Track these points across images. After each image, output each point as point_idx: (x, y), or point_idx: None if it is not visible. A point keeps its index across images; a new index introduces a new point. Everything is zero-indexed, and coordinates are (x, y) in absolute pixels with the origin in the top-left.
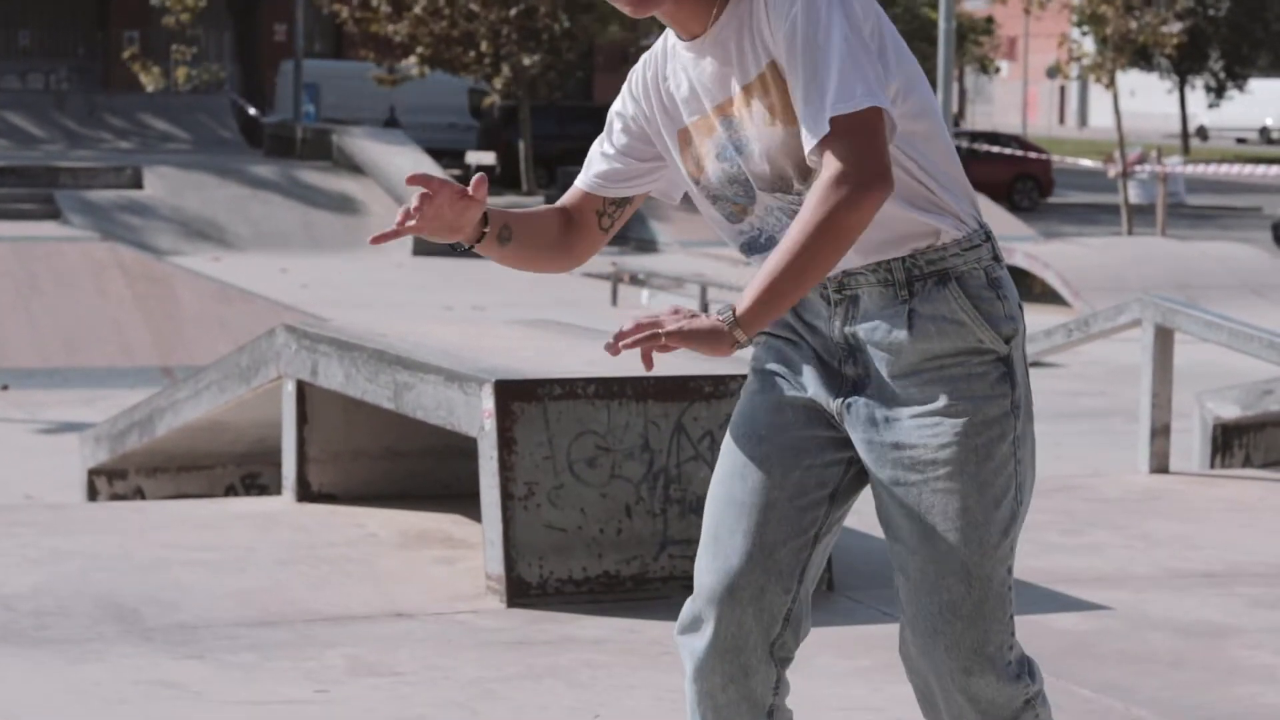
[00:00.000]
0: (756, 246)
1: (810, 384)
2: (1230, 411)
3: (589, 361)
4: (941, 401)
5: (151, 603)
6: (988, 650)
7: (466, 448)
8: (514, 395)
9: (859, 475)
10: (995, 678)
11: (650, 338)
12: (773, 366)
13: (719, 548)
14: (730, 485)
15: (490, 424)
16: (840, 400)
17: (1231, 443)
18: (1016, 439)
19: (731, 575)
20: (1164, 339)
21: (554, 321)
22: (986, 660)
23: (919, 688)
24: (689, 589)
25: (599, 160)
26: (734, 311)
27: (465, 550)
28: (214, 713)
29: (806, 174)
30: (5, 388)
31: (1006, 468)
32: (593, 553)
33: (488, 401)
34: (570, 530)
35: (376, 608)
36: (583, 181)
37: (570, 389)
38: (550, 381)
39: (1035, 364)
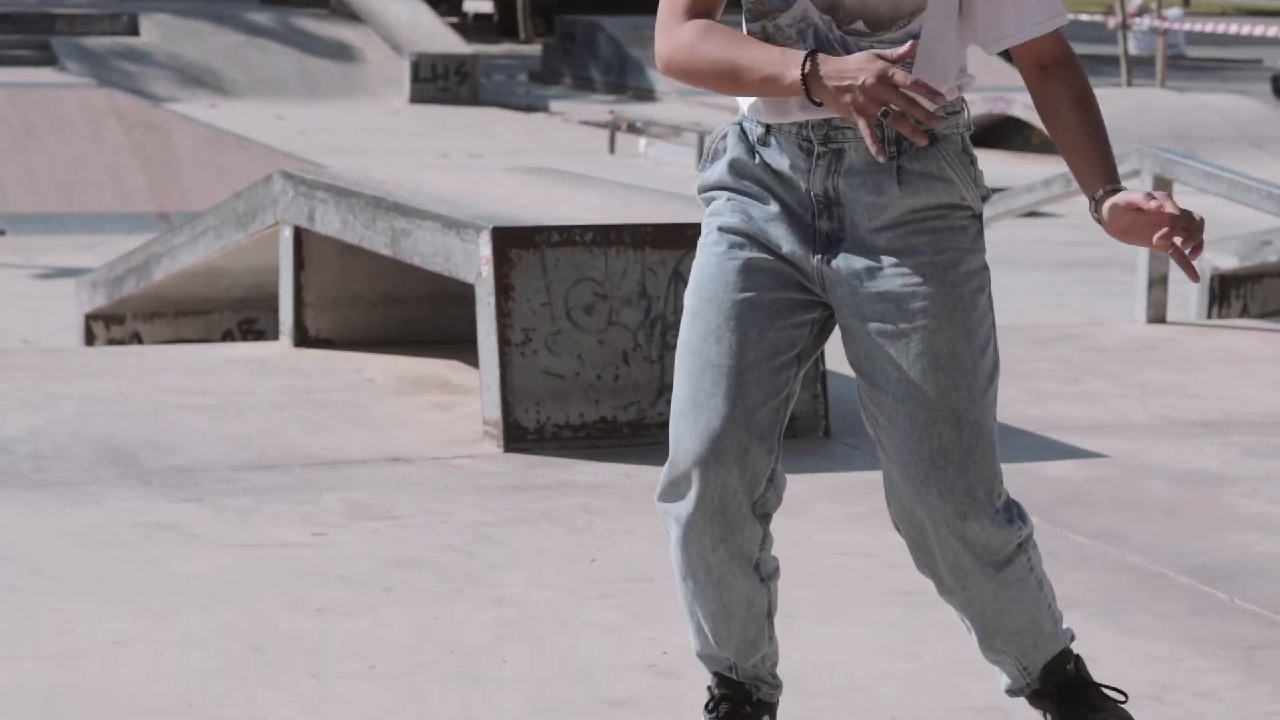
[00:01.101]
0: (762, 29)
1: (783, 241)
2: (1228, 262)
3: (587, 209)
4: (926, 252)
5: (149, 446)
6: (979, 494)
7: (464, 294)
8: (511, 242)
9: (820, 334)
10: (989, 521)
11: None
12: (740, 226)
13: (698, 412)
14: (705, 348)
15: (488, 271)
16: (818, 257)
17: (1229, 293)
18: (990, 297)
19: (716, 437)
20: (1162, 189)
21: (551, 169)
22: (978, 504)
23: (911, 537)
24: None
25: None
26: (1112, 189)
27: (462, 396)
28: (211, 555)
29: (874, 26)
30: (2, 233)
31: (987, 319)
32: (590, 399)
33: (485, 248)
34: (567, 376)
35: (374, 452)
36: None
37: (568, 236)
38: (548, 228)
39: (1033, 214)
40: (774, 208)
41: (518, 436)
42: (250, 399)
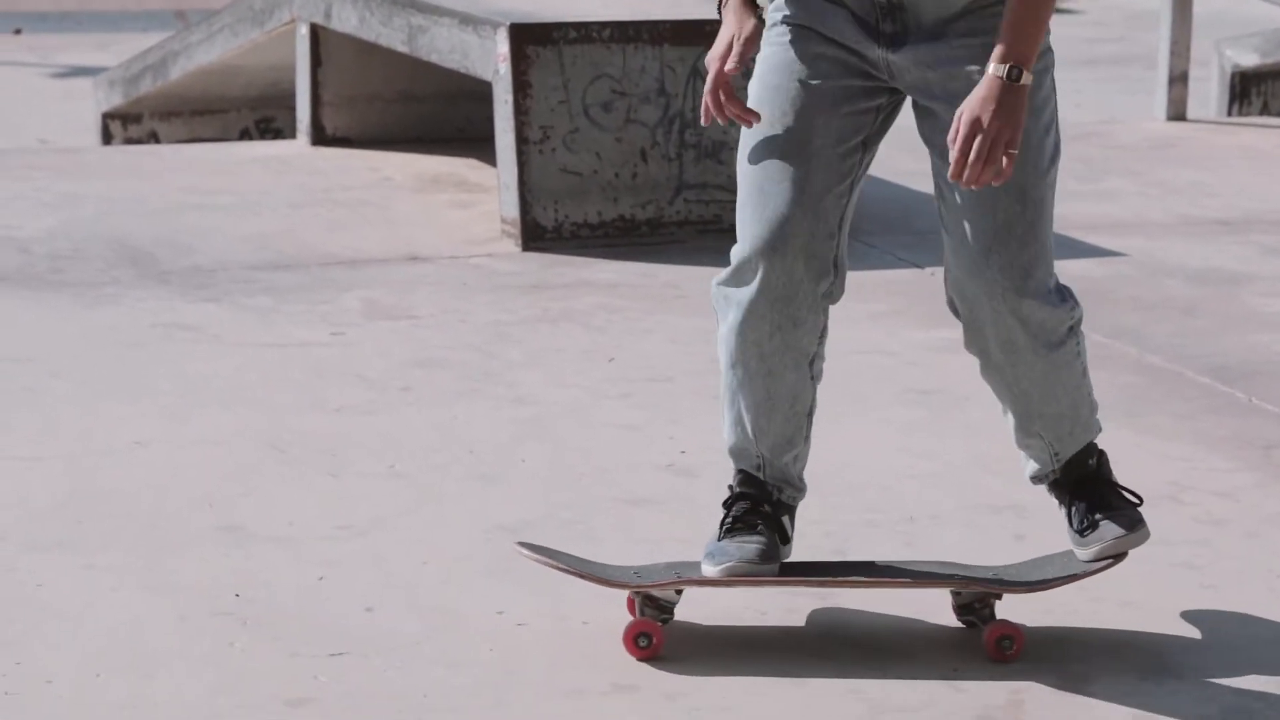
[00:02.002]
0: None
1: (848, 35)
2: (1249, 59)
3: (605, 4)
4: (993, 33)
5: (167, 246)
6: (1038, 273)
7: (482, 92)
8: (529, 39)
9: (886, 120)
10: (1044, 300)
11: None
12: (803, 19)
13: (765, 198)
14: (772, 135)
15: (505, 68)
16: (884, 50)
17: (1249, 90)
18: (1053, 80)
19: (783, 223)
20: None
21: None
22: (1037, 281)
23: (966, 316)
24: (704, 233)
25: None
26: (1008, 67)
27: (480, 194)
28: (230, 355)
29: None
30: (19, 31)
31: (1052, 100)
32: (608, 197)
33: (502, 45)
34: (585, 174)
35: (392, 251)
36: None
37: (585, 32)
38: (565, 25)
39: (1054, 10)
40: (839, 11)
41: (536, 235)
42: (268, 198)
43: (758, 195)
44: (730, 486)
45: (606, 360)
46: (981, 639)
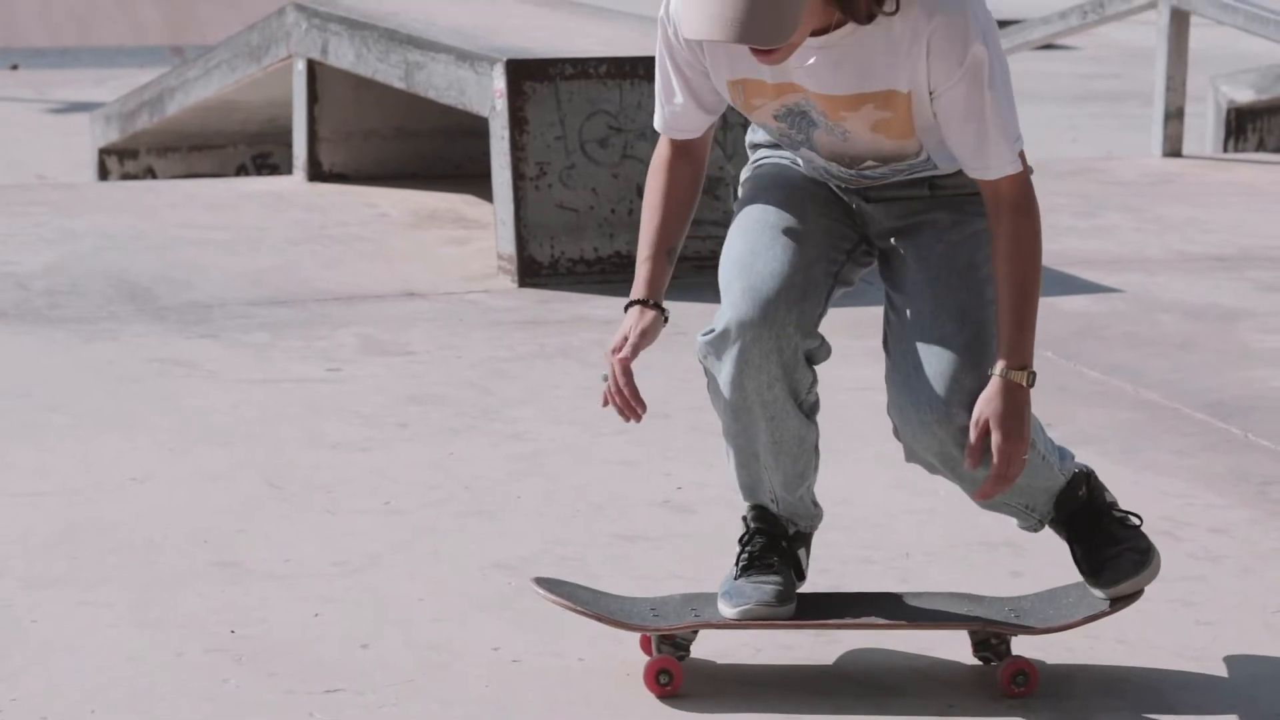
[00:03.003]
0: (782, 141)
1: (830, 187)
2: (1244, 95)
3: (602, 41)
4: (957, 195)
5: (164, 282)
6: (968, 386)
7: (478, 128)
8: (526, 74)
9: (860, 261)
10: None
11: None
12: (787, 162)
13: (756, 260)
14: (767, 213)
15: (502, 104)
16: (858, 201)
17: (1245, 126)
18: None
19: (778, 279)
20: (1180, 21)
21: (568, 1)
22: (966, 394)
23: (905, 431)
24: (699, 269)
25: (681, 104)
26: (1023, 369)
27: (477, 230)
28: (227, 391)
29: (887, 161)
30: (15, 67)
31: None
32: (604, 233)
33: (499, 81)
34: (582, 210)
35: (388, 287)
36: (676, 130)
37: (582, 68)
38: (562, 61)
39: (1050, 46)
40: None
41: (532, 271)
42: (265, 234)
43: (749, 257)
44: (745, 519)
45: None
46: (996, 675)
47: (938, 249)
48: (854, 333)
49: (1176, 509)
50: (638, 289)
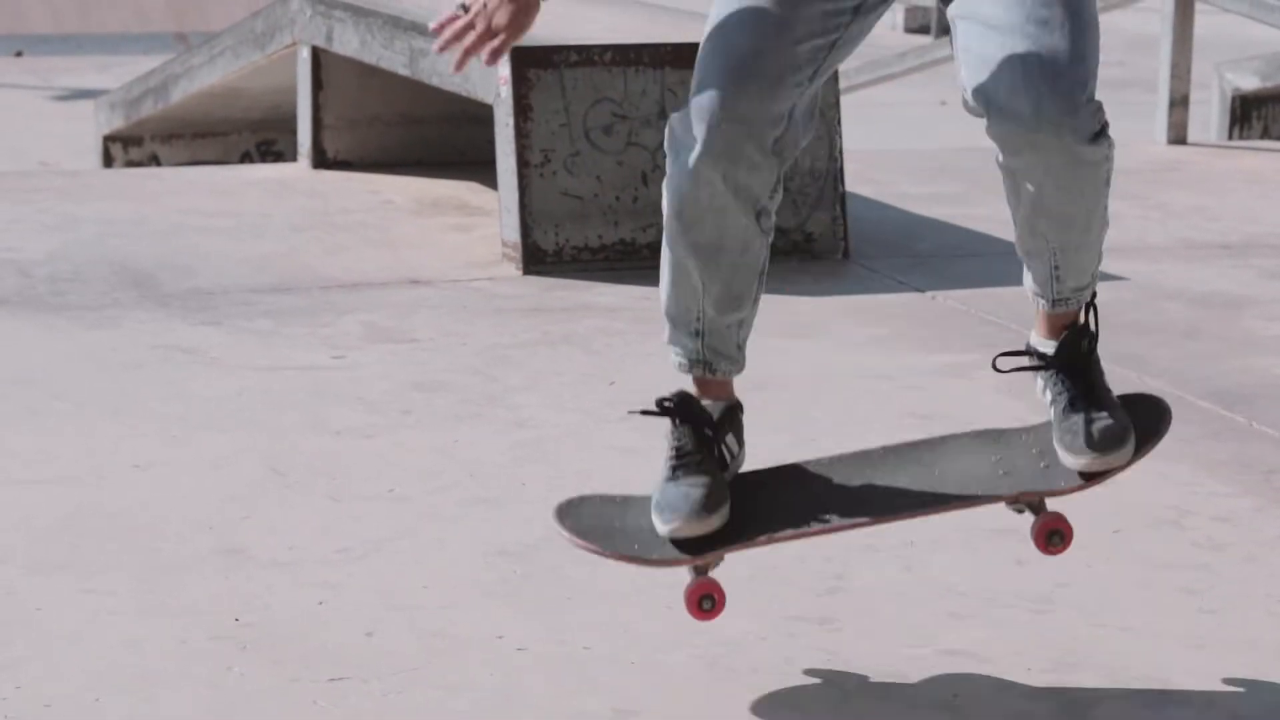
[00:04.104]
0: None
1: None
2: (1250, 82)
3: (607, 28)
4: None
5: (168, 268)
6: (1089, 60)
7: (482, 115)
8: (530, 62)
9: (856, 31)
10: (1085, 92)
11: None
12: None
13: (737, 36)
14: (749, 7)
15: (506, 91)
16: None
17: (1250, 114)
18: None
19: (757, 56)
20: (1184, 8)
21: None
22: (1084, 65)
23: (994, 98)
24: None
25: None
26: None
27: (481, 217)
28: (230, 378)
29: None
30: (19, 54)
31: None
32: (609, 220)
33: (504, 68)
34: (586, 198)
35: (393, 274)
36: None
37: (587, 55)
38: (566, 48)
39: None
40: None
41: (536, 258)
42: (269, 221)
43: (732, 33)
44: (663, 403)
45: (607, 384)
46: (1031, 532)
47: None
48: (856, 319)
49: (1181, 497)
50: None
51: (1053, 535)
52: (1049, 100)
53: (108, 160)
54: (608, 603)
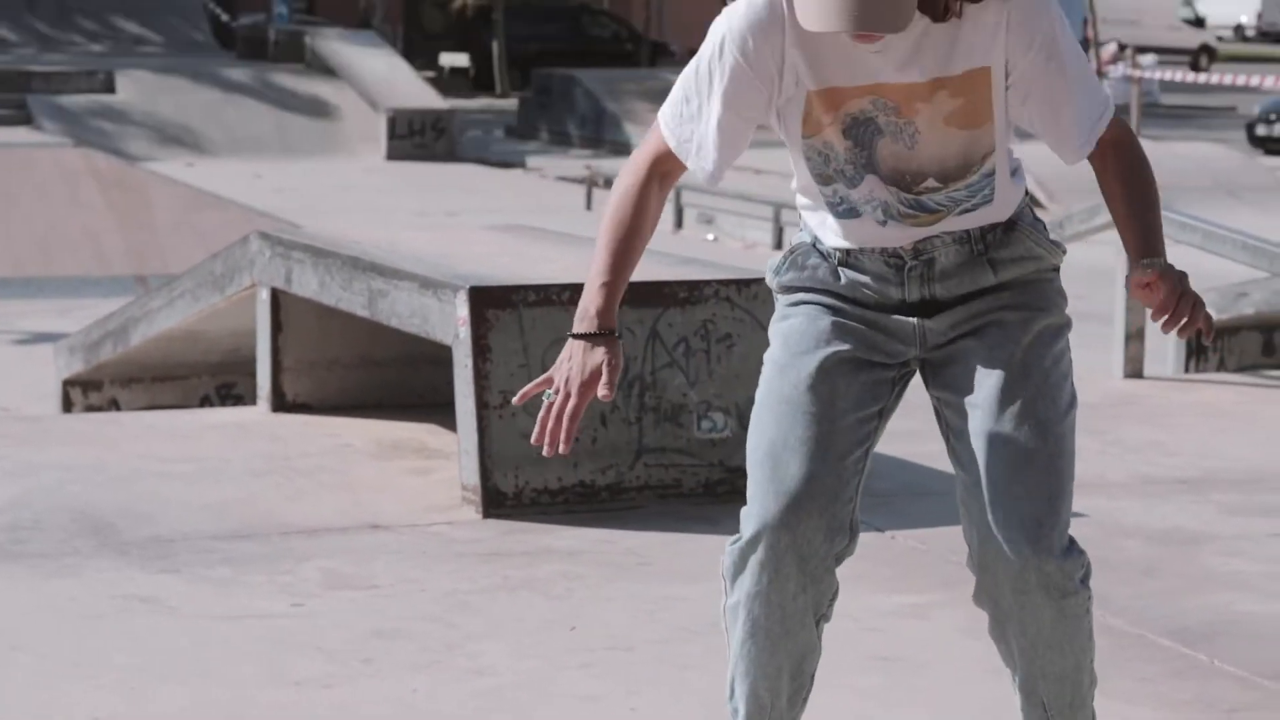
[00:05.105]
0: (831, 207)
1: (873, 306)
2: None
3: (565, 268)
4: (1018, 293)
5: (127, 515)
6: (1059, 508)
7: (442, 356)
8: (488, 302)
9: (901, 391)
10: (1060, 542)
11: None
12: (820, 289)
13: (788, 458)
14: (796, 398)
15: (465, 331)
16: (916, 319)
17: (1206, 347)
18: (1068, 337)
19: (807, 482)
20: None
21: (528, 227)
22: (1056, 518)
23: (981, 559)
24: (664, 498)
25: (717, 134)
26: (1160, 258)
27: (441, 460)
28: (190, 627)
29: (947, 179)
30: None
31: (1067, 354)
32: (568, 462)
33: (462, 308)
34: None
35: (352, 519)
36: (688, 155)
37: (545, 295)
38: (524, 288)
39: None
40: (859, 279)
41: (496, 502)
42: (228, 466)
43: (783, 454)
44: None
45: (568, 629)
46: None
47: (1012, 353)
48: None
49: None
50: (603, 317)
51: None
52: (1032, 566)
53: (67, 405)
54: None
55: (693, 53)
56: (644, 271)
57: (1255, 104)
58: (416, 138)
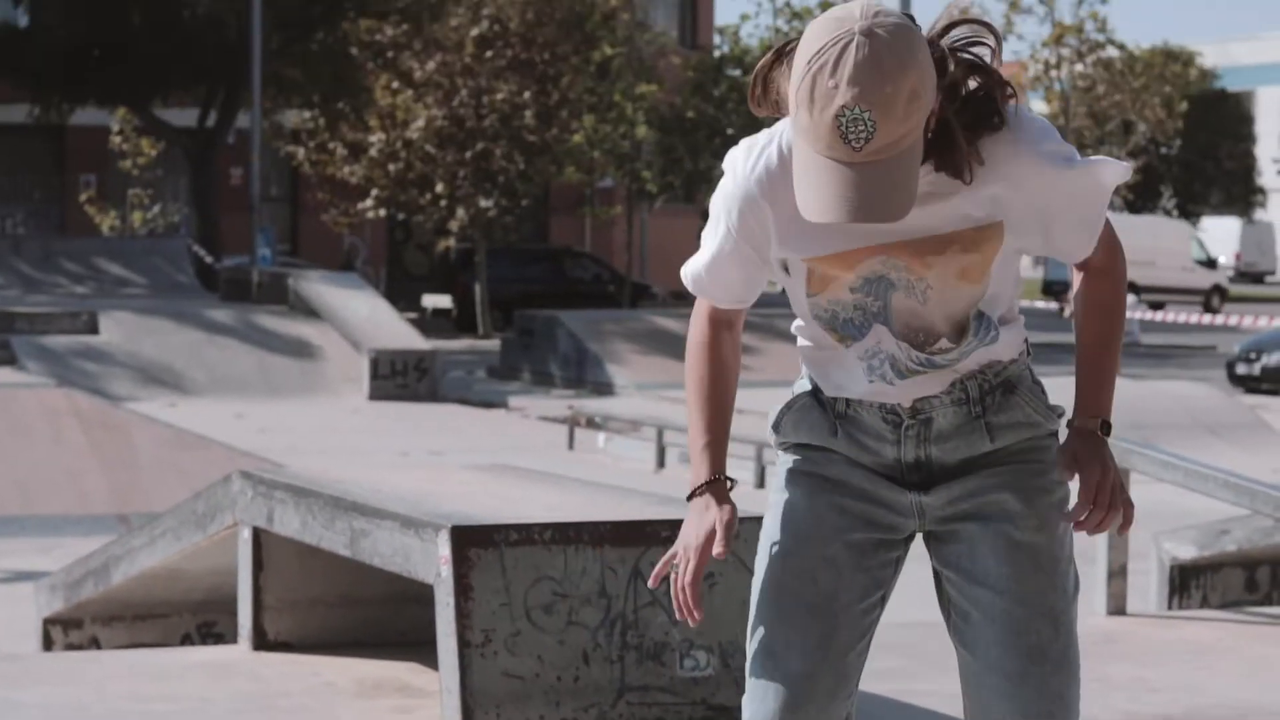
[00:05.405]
0: (832, 353)
1: (873, 487)
2: (1187, 552)
3: (546, 506)
4: (1017, 465)
5: None
6: (1069, 698)
7: (424, 595)
8: (470, 541)
9: (898, 572)
10: None
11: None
12: (827, 473)
13: (789, 652)
14: (799, 587)
15: (447, 570)
16: (914, 495)
17: (1189, 583)
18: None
19: (809, 679)
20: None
21: (511, 466)
22: (1068, 708)
23: None
24: None
25: (738, 273)
26: (1099, 421)
27: (423, 699)
28: None
29: (959, 335)
30: None
31: (1070, 531)
32: (550, 700)
33: (444, 548)
34: (528, 678)
35: None
36: (728, 300)
37: (527, 534)
38: (506, 527)
39: None
40: (861, 469)
41: None
42: (209, 706)
43: (782, 648)
44: None
45: None
46: None
47: (1019, 542)
48: None
49: None
50: (710, 478)
51: None
52: None
53: (48, 644)
54: None
55: (675, 295)
56: (626, 510)
57: (1235, 343)
58: (399, 378)
